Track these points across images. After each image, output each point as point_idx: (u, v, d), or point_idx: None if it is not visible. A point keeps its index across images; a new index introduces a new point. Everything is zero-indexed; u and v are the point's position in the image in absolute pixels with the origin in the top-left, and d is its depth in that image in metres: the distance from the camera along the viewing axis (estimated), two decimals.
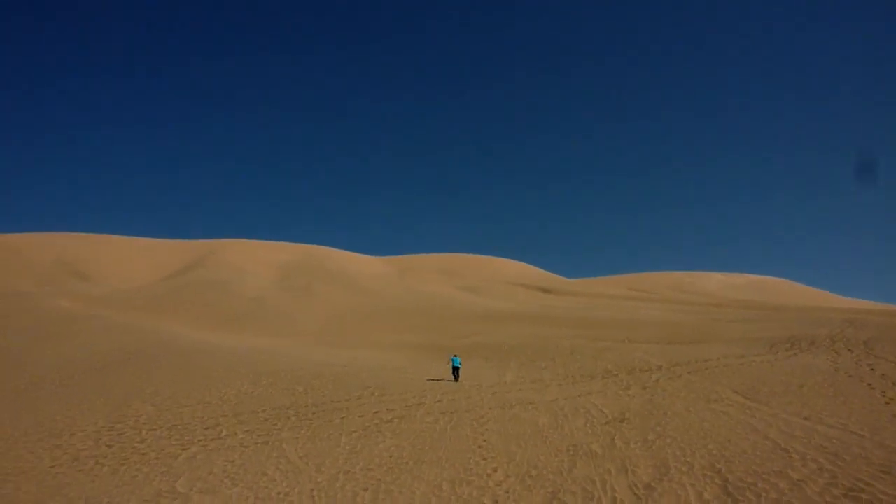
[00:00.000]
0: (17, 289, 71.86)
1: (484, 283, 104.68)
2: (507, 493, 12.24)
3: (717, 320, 53.30)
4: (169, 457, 16.80)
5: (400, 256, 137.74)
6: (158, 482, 14.84)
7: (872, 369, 22.53)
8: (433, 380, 26.45)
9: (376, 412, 20.10)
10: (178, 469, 15.70)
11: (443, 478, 13.48)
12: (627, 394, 20.97)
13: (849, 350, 27.57)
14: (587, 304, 79.37)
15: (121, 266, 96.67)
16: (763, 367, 24.65)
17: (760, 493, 10.95)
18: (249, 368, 28.94)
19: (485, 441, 16.07)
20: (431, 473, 13.83)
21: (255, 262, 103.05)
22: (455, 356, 27.55)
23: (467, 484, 12.96)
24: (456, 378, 26.19)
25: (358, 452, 15.90)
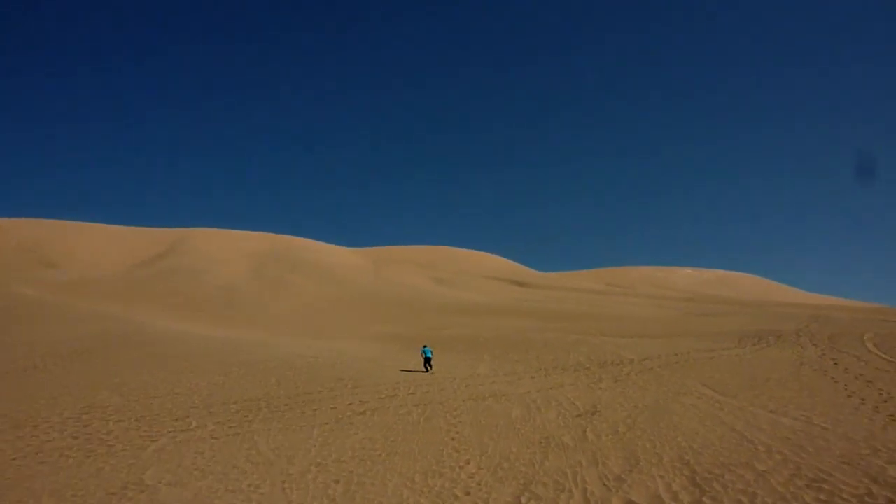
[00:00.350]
0: None
1: (459, 276, 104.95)
2: (479, 484, 12.29)
3: (688, 314, 54.18)
4: (137, 448, 16.53)
5: (375, 248, 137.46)
6: (125, 474, 14.60)
7: (836, 363, 23.07)
8: (406, 371, 26.55)
9: (349, 404, 20.04)
10: (146, 461, 15.47)
11: (415, 470, 13.49)
12: (599, 387, 21.20)
13: (814, 345, 28.21)
14: (560, 297, 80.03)
15: (88, 253, 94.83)
16: (731, 360, 25.10)
17: (727, 484, 11.15)
18: (221, 359, 28.63)
19: (458, 433, 16.12)
20: (404, 465, 13.84)
21: (227, 251, 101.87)
22: (426, 347, 27.71)
23: (439, 476, 12.99)
24: (428, 369, 26.37)
25: (330, 444, 15.84)
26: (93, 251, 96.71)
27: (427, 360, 26.80)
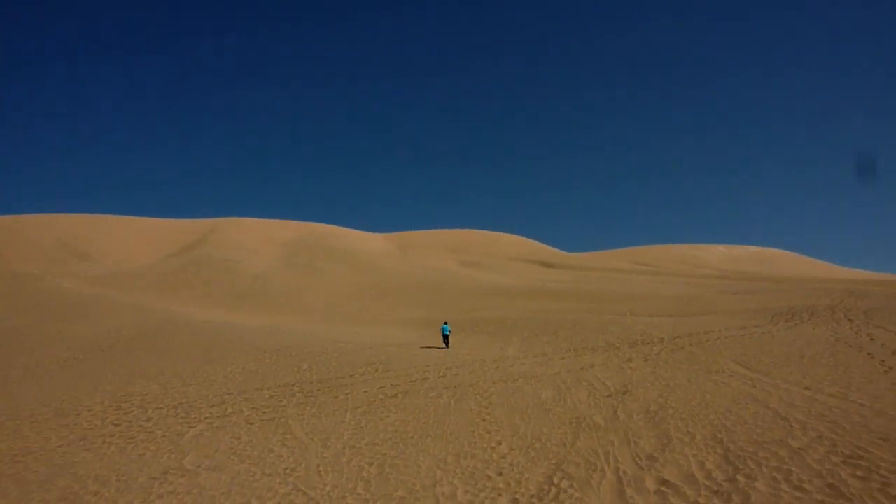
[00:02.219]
0: (20, 270, 72.01)
1: (487, 259, 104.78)
2: (512, 465, 12.39)
3: (720, 292, 53.43)
4: (175, 434, 16.98)
5: (402, 233, 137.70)
6: (166, 459, 15.02)
7: (872, 339, 22.63)
8: (426, 347, 28.21)
9: (381, 388, 20.27)
10: (185, 446, 15.88)
11: (448, 451, 13.63)
12: (630, 366, 21.10)
13: (849, 320, 27.68)
14: (590, 277, 79.52)
15: (122, 246, 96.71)
16: (764, 338, 24.77)
17: (761, 461, 11.07)
18: (254, 346, 29.13)
19: (489, 415, 16.22)
20: (436, 447, 13.99)
21: (257, 240, 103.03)
22: (445, 324, 29.82)
23: (472, 457, 13.11)
24: (447, 345, 28.36)
25: (363, 428, 16.07)
26: (126, 244, 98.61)
27: (445, 338, 28.75)
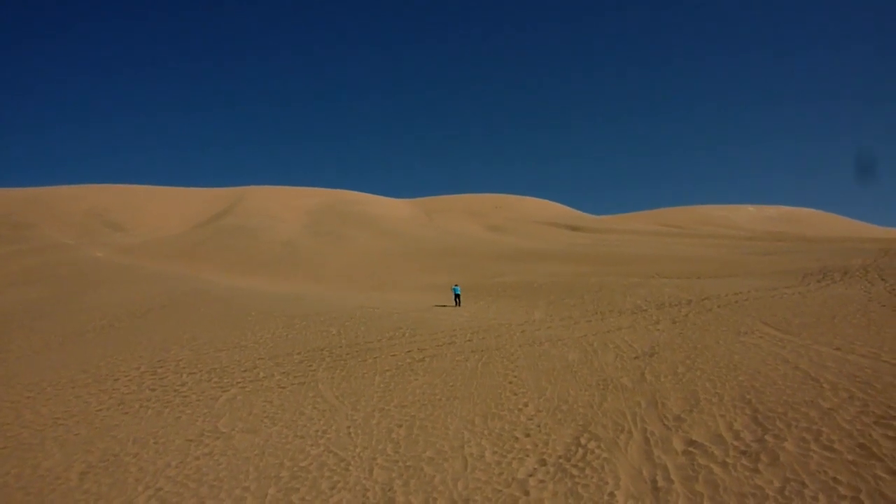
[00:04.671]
0: (55, 241, 73.63)
1: (511, 223, 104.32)
2: (539, 426, 12.51)
3: (748, 254, 52.67)
4: (210, 399, 17.43)
5: (427, 198, 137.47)
6: (201, 422, 15.47)
7: None
8: (439, 305, 31.71)
9: (408, 351, 20.50)
10: (219, 410, 16.31)
11: (475, 413, 13.80)
12: (657, 328, 21.01)
13: (882, 280, 27.14)
14: (616, 240, 78.84)
15: (152, 216, 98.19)
16: (794, 298, 24.43)
17: (790, 422, 11.03)
18: (283, 312, 29.57)
19: (515, 377, 16.34)
20: (464, 409, 14.17)
21: (283, 207, 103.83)
22: (455, 286, 33.49)
23: (499, 418, 13.27)
24: (457, 304, 31.50)
25: (392, 390, 16.32)
26: (156, 214, 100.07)
27: (456, 297, 32.10)
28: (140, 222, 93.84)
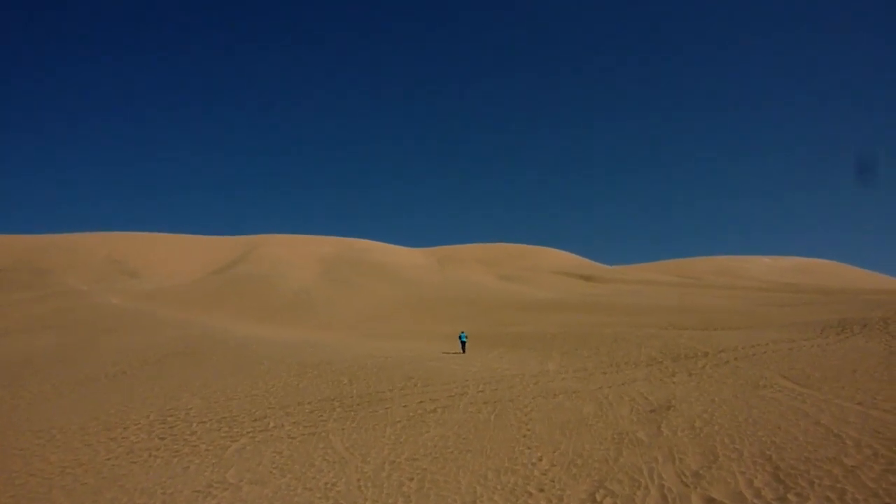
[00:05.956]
0: (72, 286, 74.42)
1: (525, 273, 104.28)
2: (553, 481, 12.22)
3: (765, 305, 52.13)
4: (219, 448, 17.25)
5: (440, 247, 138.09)
6: (210, 473, 15.27)
7: None
8: (447, 353, 32.17)
9: (420, 402, 20.26)
10: (229, 460, 16.12)
11: (488, 467, 13.53)
12: (673, 381, 20.67)
13: None
14: (630, 290, 78.42)
15: (168, 263, 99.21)
16: (813, 351, 24.01)
17: (813, 479, 10.70)
18: (295, 360, 29.47)
19: (529, 430, 16.05)
20: (476, 463, 13.90)
21: (296, 255, 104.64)
22: (462, 332, 34.30)
23: (512, 473, 12.99)
24: (463, 351, 32.09)
25: (403, 442, 16.07)
26: (172, 261, 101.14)
27: (462, 344, 32.70)
28: (156, 269, 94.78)
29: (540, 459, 13.64)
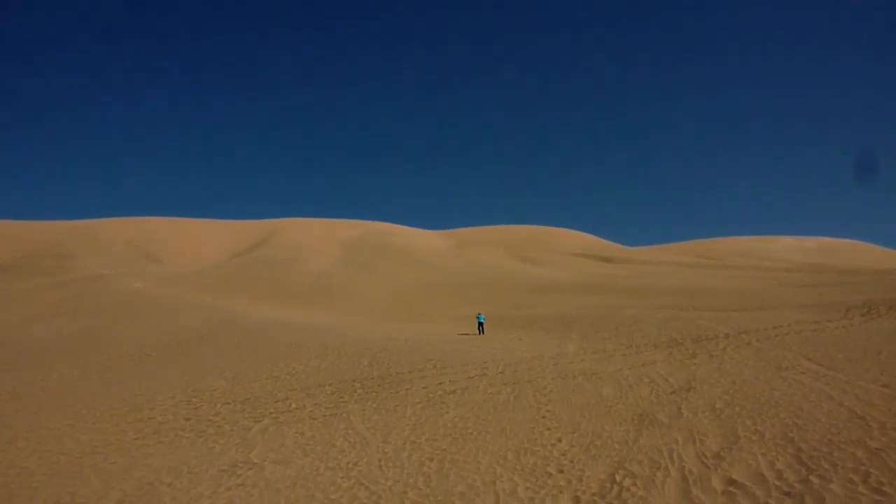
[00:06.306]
0: (95, 272, 75.57)
1: (543, 254, 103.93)
2: (572, 462, 12.26)
3: (788, 286, 51.49)
4: (243, 429, 17.52)
5: (458, 230, 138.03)
6: (234, 453, 15.53)
7: None
8: (465, 334, 32.59)
9: (440, 384, 20.37)
10: (252, 440, 16.38)
11: (507, 447, 13.60)
12: (693, 362, 20.56)
13: None
14: (650, 272, 77.85)
15: (189, 247, 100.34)
16: (837, 333, 23.70)
17: (836, 462, 10.61)
18: (316, 343, 29.73)
19: (548, 411, 16.09)
20: (496, 443, 13.98)
21: (316, 239, 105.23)
22: (480, 314, 34.62)
23: (532, 454, 13.05)
24: (481, 332, 32.46)
25: (423, 423, 16.20)
26: (193, 245, 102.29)
27: (480, 325, 33.11)
28: (177, 254, 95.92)
29: (559, 440, 13.68)
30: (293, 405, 19.44)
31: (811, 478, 10.13)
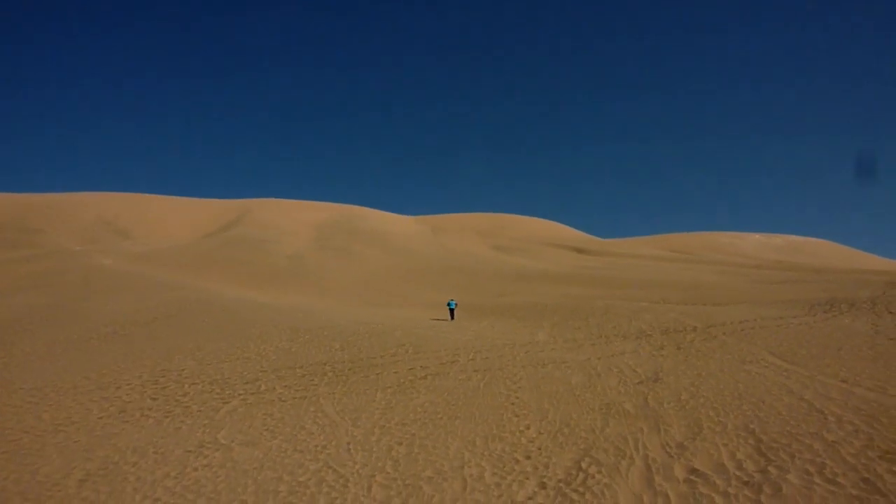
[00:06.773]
0: (63, 247, 74.07)
1: (517, 243, 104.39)
2: (540, 449, 12.43)
3: (755, 282, 52.49)
4: (211, 410, 17.40)
5: (434, 216, 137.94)
6: (201, 433, 15.43)
7: None
8: (437, 319, 33.52)
9: (411, 369, 20.45)
10: (220, 421, 16.28)
11: (476, 433, 13.73)
12: (661, 354, 20.92)
13: (889, 313, 26.93)
14: (622, 264, 78.70)
15: (160, 225, 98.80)
16: (801, 329, 24.28)
17: (794, 453, 10.93)
18: (287, 325, 29.58)
19: (517, 398, 16.27)
20: (465, 429, 14.10)
21: (291, 221, 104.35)
22: (451, 300, 35.32)
23: (500, 440, 13.20)
24: (452, 318, 33.17)
25: (393, 408, 16.26)
26: (164, 223, 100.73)
27: (451, 311, 33.73)
28: (148, 231, 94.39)
29: (528, 427, 13.86)
30: (262, 387, 19.35)
31: (770, 468, 10.42)
